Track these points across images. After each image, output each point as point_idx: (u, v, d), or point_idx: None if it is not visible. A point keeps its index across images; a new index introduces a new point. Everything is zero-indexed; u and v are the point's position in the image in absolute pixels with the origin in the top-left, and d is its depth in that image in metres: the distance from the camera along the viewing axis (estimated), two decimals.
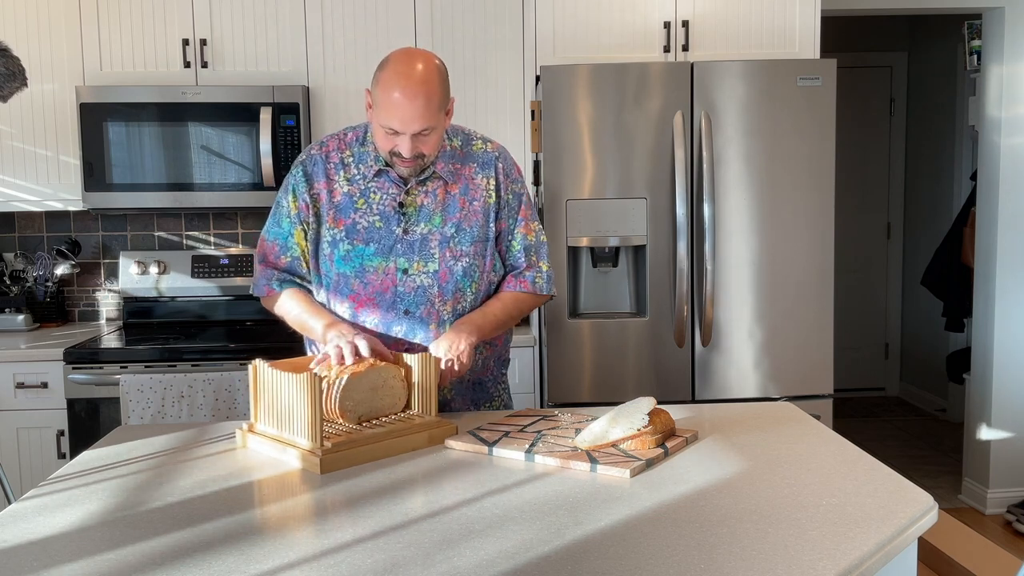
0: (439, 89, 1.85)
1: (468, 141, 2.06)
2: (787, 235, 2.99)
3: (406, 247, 1.97)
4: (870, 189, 6.07)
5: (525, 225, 2.07)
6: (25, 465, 3.05)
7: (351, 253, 1.97)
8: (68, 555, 1.25)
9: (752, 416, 1.94)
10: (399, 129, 1.85)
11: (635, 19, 3.14)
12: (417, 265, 1.97)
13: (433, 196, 1.99)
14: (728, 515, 1.35)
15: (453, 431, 1.79)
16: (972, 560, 3.08)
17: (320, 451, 1.61)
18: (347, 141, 2.03)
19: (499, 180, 2.03)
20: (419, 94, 1.81)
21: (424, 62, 1.85)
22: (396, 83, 1.82)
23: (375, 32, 3.31)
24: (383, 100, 1.85)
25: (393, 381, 1.82)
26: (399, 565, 1.19)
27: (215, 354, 3.03)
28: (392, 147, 1.89)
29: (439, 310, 1.99)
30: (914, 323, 6.00)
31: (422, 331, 1.99)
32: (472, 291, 2.02)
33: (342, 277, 1.99)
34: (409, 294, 1.98)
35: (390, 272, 1.97)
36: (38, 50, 3.27)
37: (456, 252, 1.99)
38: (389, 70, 1.85)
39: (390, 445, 1.70)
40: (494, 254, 2.05)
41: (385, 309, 1.98)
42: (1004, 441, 3.97)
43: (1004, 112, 3.85)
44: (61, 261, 3.51)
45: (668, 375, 2.99)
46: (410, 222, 1.98)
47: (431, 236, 1.98)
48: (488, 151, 2.05)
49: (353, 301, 1.99)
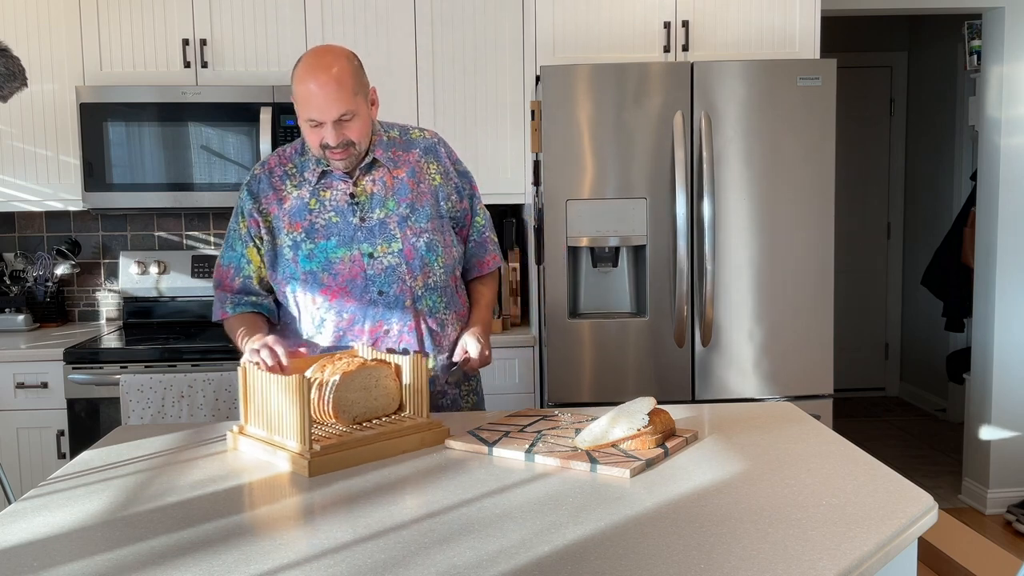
0: (350, 75, 1.94)
1: (405, 131, 2.17)
2: (787, 235, 2.99)
3: (367, 233, 2.04)
4: (870, 189, 6.07)
5: (479, 202, 2.23)
6: (25, 465, 3.05)
7: (314, 251, 2.03)
8: (68, 555, 1.25)
9: (752, 416, 1.94)
10: (318, 118, 1.93)
11: (635, 19, 3.14)
12: (381, 247, 2.04)
13: (381, 183, 2.07)
14: (728, 515, 1.35)
15: (445, 434, 1.78)
16: (972, 560, 3.07)
17: (309, 454, 1.59)
18: (287, 155, 2.12)
19: (445, 164, 2.15)
20: (330, 80, 1.91)
21: (332, 53, 1.96)
22: (309, 75, 1.93)
23: (375, 32, 3.31)
24: (300, 95, 1.94)
25: (386, 380, 1.81)
26: (399, 565, 1.19)
27: (215, 354, 3.03)
28: (320, 140, 1.97)
29: (412, 286, 2.06)
30: (914, 323, 6.00)
31: (399, 309, 2.05)
32: (440, 264, 2.10)
33: (309, 275, 2.04)
34: (379, 276, 2.04)
35: (356, 259, 2.03)
36: (38, 50, 3.27)
37: (416, 229, 2.07)
38: (302, 65, 1.96)
39: (381, 447, 1.69)
40: (451, 229, 2.14)
41: (359, 295, 2.04)
42: (1004, 441, 3.97)
43: (1004, 112, 3.85)
44: (61, 261, 3.51)
45: (668, 375, 2.99)
46: (365, 210, 2.05)
47: (388, 219, 2.05)
48: (427, 137, 2.17)
49: (325, 294, 2.04)
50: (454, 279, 2.16)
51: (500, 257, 2.28)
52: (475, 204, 2.21)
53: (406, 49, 3.32)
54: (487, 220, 2.25)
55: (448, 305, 2.13)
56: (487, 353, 2.07)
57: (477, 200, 2.22)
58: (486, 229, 2.24)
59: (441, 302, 2.11)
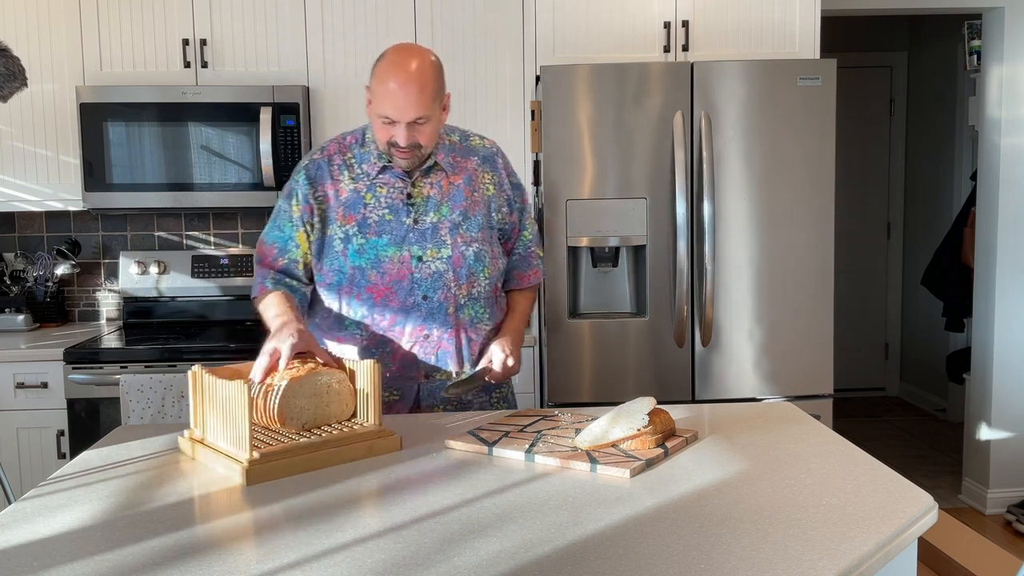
0: (432, 80, 1.93)
1: (466, 137, 2.16)
2: (787, 235, 2.99)
3: (418, 236, 2.03)
4: (870, 189, 6.07)
5: (529, 216, 2.22)
6: (25, 465, 3.05)
7: (365, 246, 2.02)
8: (68, 555, 1.25)
9: (752, 416, 1.94)
10: (394, 117, 1.92)
11: (635, 19, 3.14)
12: (431, 252, 2.03)
13: (438, 187, 2.06)
14: (728, 515, 1.35)
15: (396, 444, 1.72)
16: (972, 560, 3.07)
17: (247, 461, 1.54)
18: (346, 144, 2.10)
19: (500, 175, 2.14)
20: (413, 82, 1.89)
21: (418, 55, 1.94)
22: (391, 74, 1.91)
23: (375, 32, 3.31)
24: (379, 91, 1.93)
25: (339, 387, 1.76)
26: (399, 565, 1.19)
27: (215, 354, 3.03)
28: (389, 137, 1.96)
29: (455, 294, 2.05)
30: (914, 323, 6.00)
31: (440, 316, 2.05)
32: (485, 275, 2.09)
33: (358, 271, 2.03)
34: (425, 280, 2.03)
35: (405, 261, 2.02)
36: (38, 50, 3.27)
37: (466, 238, 2.06)
38: (385, 62, 1.94)
39: (328, 455, 1.62)
40: (498, 241, 2.14)
41: (403, 297, 2.03)
42: (1004, 441, 3.97)
43: (1004, 112, 3.85)
44: (61, 261, 3.51)
45: (668, 375, 2.99)
46: (419, 212, 2.04)
47: (441, 224, 2.05)
48: (487, 146, 2.17)
49: (371, 292, 2.03)
50: (496, 290, 2.16)
51: (543, 273, 2.27)
52: (524, 218, 2.21)
53: None
54: (535, 235, 2.25)
55: (491, 316, 2.13)
56: (511, 363, 2.05)
57: (527, 214, 2.22)
58: (532, 244, 2.23)
59: (485, 312, 2.11)
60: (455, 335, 2.07)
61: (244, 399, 1.56)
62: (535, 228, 2.26)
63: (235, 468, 1.56)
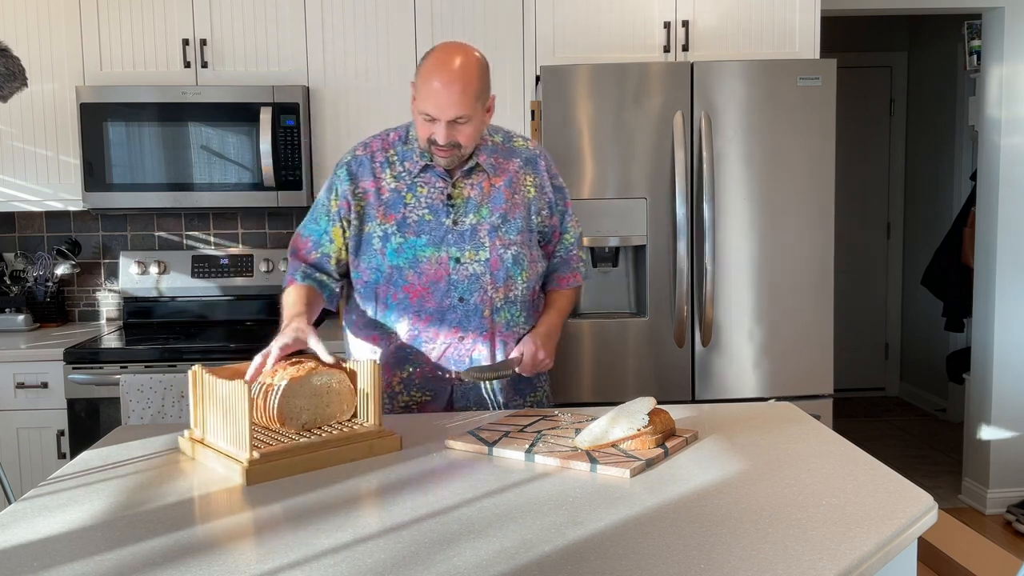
0: (476, 80, 1.93)
1: (509, 138, 2.16)
2: (787, 235, 2.99)
3: (457, 237, 2.03)
4: (870, 189, 6.07)
5: (573, 219, 2.21)
6: (25, 465, 3.05)
7: (403, 246, 2.02)
8: (68, 555, 1.25)
9: (752, 416, 1.94)
10: (435, 115, 1.92)
11: (635, 19, 3.14)
12: (469, 254, 2.03)
13: (479, 188, 2.06)
14: (728, 515, 1.35)
15: (397, 444, 1.72)
16: (972, 560, 3.07)
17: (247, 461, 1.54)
18: (390, 141, 2.10)
19: (542, 177, 2.14)
20: (456, 81, 1.90)
21: (464, 54, 1.94)
22: (436, 72, 1.91)
23: (375, 32, 3.31)
24: (423, 87, 1.93)
25: (339, 386, 1.76)
26: (399, 564, 1.19)
27: (215, 354, 3.03)
28: (430, 134, 1.96)
29: (492, 297, 2.05)
30: (914, 323, 6.00)
31: (476, 318, 2.04)
32: (523, 279, 2.09)
33: (395, 269, 2.03)
34: (462, 282, 2.03)
35: (443, 262, 2.02)
36: (38, 50, 3.27)
37: (505, 241, 2.05)
38: (431, 59, 1.95)
39: (328, 455, 1.62)
40: (537, 244, 2.13)
41: (439, 298, 2.03)
42: (1004, 441, 3.97)
43: (1004, 112, 3.85)
44: (61, 261, 3.51)
45: (668, 375, 2.99)
46: (459, 213, 2.04)
47: (480, 226, 2.04)
48: (530, 148, 2.16)
49: (407, 291, 2.03)
50: (533, 294, 2.15)
51: (583, 276, 2.25)
52: (566, 221, 2.19)
53: (406, 49, 3.32)
54: (577, 238, 2.23)
55: (527, 319, 2.12)
56: (542, 356, 2.04)
57: (569, 217, 2.20)
58: (574, 247, 2.22)
59: (521, 316, 2.11)
60: (490, 338, 2.06)
61: (244, 399, 1.55)
62: (578, 232, 2.23)
63: (235, 468, 1.56)
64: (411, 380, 2.09)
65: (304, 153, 3.26)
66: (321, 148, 3.33)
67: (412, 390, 2.09)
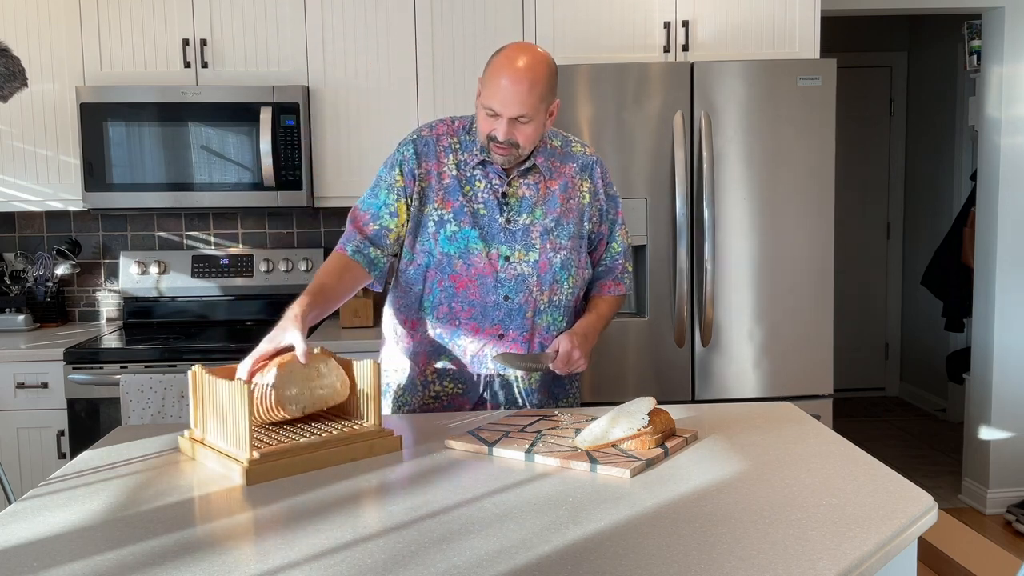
0: (543, 82, 1.94)
1: (568, 142, 2.16)
2: (787, 235, 2.99)
3: (508, 236, 2.03)
4: (870, 189, 6.07)
5: (622, 229, 2.20)
6: (25, 465, 3.05)
7: (457, 234, 2.02)
8: (68, 555, 1.25)
9: (752, 416, 1.94)
10: (498, 111, 1.93)
11: (635, 19, 3.14)
12: (519, 254, 2.03)
13: (534, 189, 2.06)
14: (728, 515, 1.35)
15: (397, 444, 1.72)
16: (972, 560, 3.07)
17: (247, 461, 1.54)
18: (455, 128, 2.10)
19: (596, 184, 2.14)
20: (522, 80, 1.91)
21: (534, 55, 1.96)
22: (505, 68, 1.92)
23: (375, 32, 3.31)
24: (490, 83, 1.94)
25: (324, 369, 1.75)
26: (399, 564, 1.19)
27: (215, 354, 3.03)
28: (490, 130, 1.96)
29: (536, 299, 2.04)
30: (914, 323, 6.00)
31: (518, 318, 2.04)
32: (569, 284, 2.08)
33: (446, 257, 2.02)
34: (509, 281, 2.03)
35: (492, 258, 2.02)
36: (38, 50, 3.27)
37: (556, 244, 2.05)
38: (501, 56, 1.96)
39: (328, 455, 1.62)
40: (586, 251, 2.13)
41: (485, 292, 2.02)
42: (1004, 441, 3.97)
43: (1004, 112, 3.85)
44: (61, 261, 3.51)
45: (668, 375, 2.99)
46: (512, 212, 2.04)
47: (532, 227, 2.04)
48: (587, 154, 2.16)
49: (454, 280, 2.03)
50: (577, 300, 2.14)
51: (627, 288, 2.22)
52: (616, 230, 2.18)
53: (406, 49, 3.32)
54: (624, 249, 2.20)
55: (568, 325, 2.11)
56: (577, 356, 2.00)
57: (619, 226, 2.19)
58: (620, 257, 2.19)
59: (563, 321, 2.10)
60: (529, 339, 2.05)
61: (244, 399, 1.55)
62: (626, 243, 2.21)
63: (235, 468, 1.56)
64: (445, 371, 2.08)
65: (304, 153, 3.26)
66: (321, 148, 3.33)
67: (445, 380, 2.09)
